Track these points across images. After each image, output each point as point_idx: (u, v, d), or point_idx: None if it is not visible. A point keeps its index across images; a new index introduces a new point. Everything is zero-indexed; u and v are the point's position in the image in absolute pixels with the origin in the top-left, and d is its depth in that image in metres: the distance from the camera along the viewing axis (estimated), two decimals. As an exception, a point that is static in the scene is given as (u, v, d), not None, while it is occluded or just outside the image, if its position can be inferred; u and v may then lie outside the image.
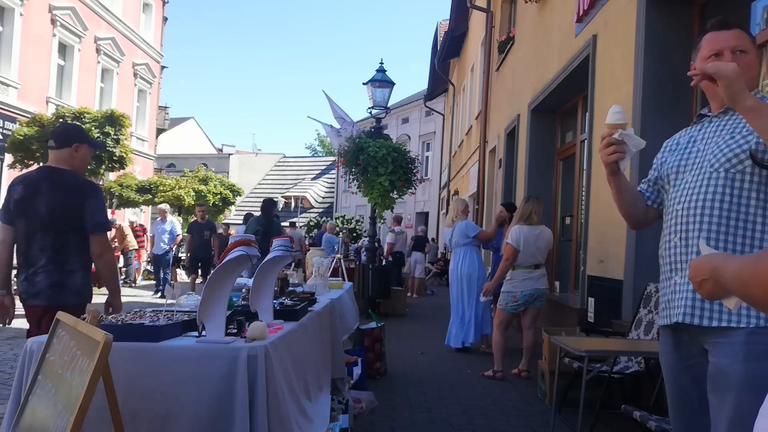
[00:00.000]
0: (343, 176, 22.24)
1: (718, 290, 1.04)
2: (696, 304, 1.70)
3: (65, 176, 3.01)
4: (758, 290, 0.83)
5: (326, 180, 36.53)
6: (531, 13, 8.60)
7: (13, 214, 2.97)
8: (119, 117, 13.21)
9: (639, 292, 4.15)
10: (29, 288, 2.94)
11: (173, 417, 1.94)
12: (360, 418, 3.90)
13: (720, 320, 1.66)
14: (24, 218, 2.94)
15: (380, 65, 10.22)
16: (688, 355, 1.79)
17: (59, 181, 2.97)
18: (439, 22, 20.36)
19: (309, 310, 3.05)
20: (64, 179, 2.99)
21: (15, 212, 2.95)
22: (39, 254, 2.93)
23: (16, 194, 2.96)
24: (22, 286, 2.98)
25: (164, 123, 26.51)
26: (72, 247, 2.97)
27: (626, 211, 2.01)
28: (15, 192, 2.97)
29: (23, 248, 2.96)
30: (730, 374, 1.59)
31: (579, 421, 3.26)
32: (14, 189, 2.99)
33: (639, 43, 4.65)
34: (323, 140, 47.50)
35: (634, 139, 1.86)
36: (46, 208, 2.91)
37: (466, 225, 6.70)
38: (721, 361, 1.64)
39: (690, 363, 1.79)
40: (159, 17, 23.02)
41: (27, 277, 2.94)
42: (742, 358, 1.59)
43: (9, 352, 5.57)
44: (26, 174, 3.12)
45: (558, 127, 8.28)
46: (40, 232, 2.93)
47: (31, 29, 15.46)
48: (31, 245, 2.94)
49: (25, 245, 2.95)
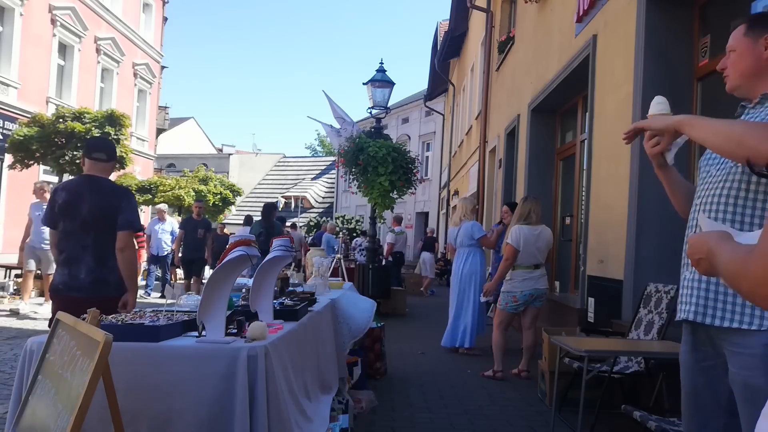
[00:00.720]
0: (343, 176, 22.25)
1: (713, 271, 1.03)
2: (707, 303, 1.68)
3: (104, 183, 3.44)
4: (746, 285, 0.83)
5: (326, 180, 36.53)
6: (531, 13, 8.60)
7: (56, 217, 3.32)
8: (119, 117, 13.19)
9: (639, 292, 4.15)
10: (70, 281, 3.24)
11: (174, 417, 1.94)
12: (360, 418, 3.90)
13: (732, 320, 1.62)
14: (67, 220, 3.29)
15: (380, 65, 10.22)
16: (704, 357, 1.77)
17: (100, 187, 3.37)
18: (439, 22, 20.36)
19: (309, 310, 3.05)
20: (103, 185, 3.41)
21: (59, 215, 3.31)
22: (81, 252, 3.25)
23: (60, 199, 3.32)
24: (61, 279, 3.26)
25: (164, 123, 26.51)
26: (110, 245, 3.30)
27: (680, 206, 1.94)
28: (59, 197, 3.33)
29: (64, 245, 3.29)
30: (757, 389, 1.55)
31: (579, 421, 3.26)
32: (58, 195, 3.35)
33: (639, 43, 4.64)
34: (323, 140, 47.51)
35: None
36: (89, 210, 3.27)
37: (473, 226, 6.60)
38: (742, 373, 1.60)
39: (705, 365, 1.77)
40: (159, 17, 23.01)
41: (69, 272, 3.25)
42: (763, 372, 1.54)
43: (9, 352, 5.57)
44: (67, 182, 3.54)
45: (558, 127, 8.28)
46: (81, 232, 3.26)
47: (31, 29, 15.46)
48: (72, 243, 3.27)
49: (66, 243, 3.28)
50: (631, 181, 4.65)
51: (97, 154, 3.43)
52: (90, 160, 3.42)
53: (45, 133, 12.30)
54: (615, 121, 5.17)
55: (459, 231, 6.64)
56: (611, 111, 5.29)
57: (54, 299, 3.31)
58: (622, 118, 4.94)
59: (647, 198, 4.48)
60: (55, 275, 3.34)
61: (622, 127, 4.90)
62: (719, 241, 1.01)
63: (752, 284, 0.81)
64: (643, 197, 4.50)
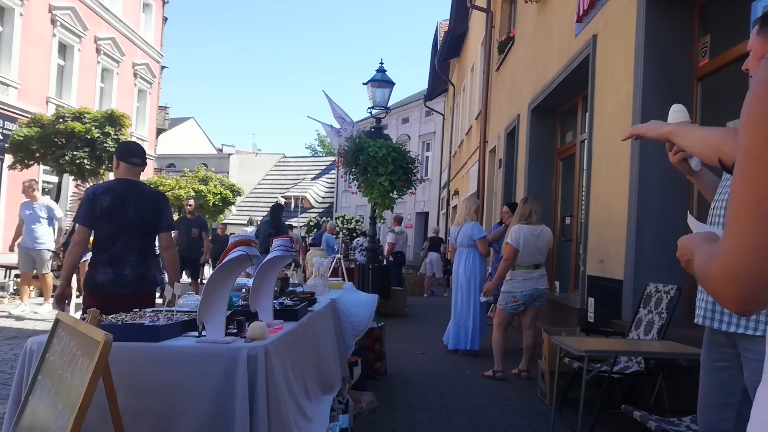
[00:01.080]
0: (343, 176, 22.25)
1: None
2: (714, 307, 1.71)
3: (144, 187, 3.66)
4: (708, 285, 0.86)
5: (326, 180, 36.52)
6: (531, 13, 8.60)
7: (97, 220, 3.44)
8: (119, 117, 13.19)
9: (639, 292, 4.15)
10: (115, 279, 3.41)
11: (174, 416, 1.94)
12: (360, 418, 3.90)
13: (738, 326, 1.66)
14: (113, 223, 3.44)
15: (380, 65, 10.22)
16: (719, 357, 1.81)
17: (141, 192, 3.58)
18: (439, 22, 20.36)
19: (309, 310, 3.05)
20: (144, 190, 3.63)
21: (100, 218, 3.43)
22: (126, 252, 3.45)
23: (104, 203, 3.44)
24: (106, 277, 3.41)
25: (164, 123, 26.50)
26: (150, 246, 3.60)
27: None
28: (102, 201, 3.44)
29: (107, 247, 3.45)
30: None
31: (579, 421, 3.26)
32: (100, 198, 3.45)
33: (639, 43, 4.65)
34: (323, 140, 47.49)
35: None
36: (135, 214, 3.48)
37: (473, 227, 6.56)
38: (752, 377, 1.64)
39: (719, 365, 1.81)
40: (159, 17, 23.01)
41: (114, 271, 3.42)
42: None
43: (9, 352, 5.57)
44: (106, 186, 3.59)
45: (558, 127, 8.28)
46: (128, 234, 3.47)
47: (31, 29, 15.46)
48: (119, 245, 3.45)
49: (111, 244, 3.44)
50: (631, 181, 4.65)
51: (133, 159, 3.60)
52: (126, 164, 3.57)
53: (45, 133, 12.30)
54: (615, 121, 5.17)
55: (460, 231, 6.63)
56: (611, 111, 5.29)
57: (95, 296, 3.36)
58: (622, 118, 4.94)
59: (647, 198, 4.49)
60: (97, 274, 3.42)
61: (622, 127, 4.91)
62: (701, 242, 1.03)
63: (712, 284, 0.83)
64: (643, 197, 4.50)
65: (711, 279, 0.84)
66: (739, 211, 0.80)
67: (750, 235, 0.78)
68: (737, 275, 0.79)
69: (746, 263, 0.78)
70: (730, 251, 0.80)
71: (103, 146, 12.63)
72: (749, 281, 0.78)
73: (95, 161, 12.74)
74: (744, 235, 0.78)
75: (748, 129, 0.80)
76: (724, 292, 0.81)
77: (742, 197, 0.79)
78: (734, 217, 0.80)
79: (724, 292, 0.81)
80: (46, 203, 8.04)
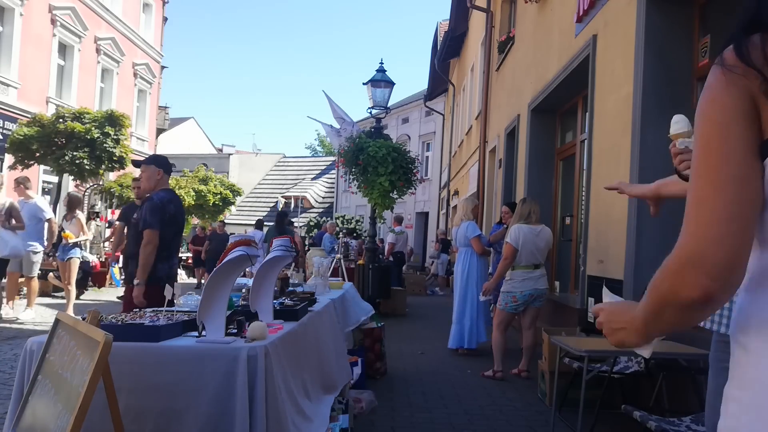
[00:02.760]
0: (343, 176, 22.25)
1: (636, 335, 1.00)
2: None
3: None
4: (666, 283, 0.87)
5: (326, 180, 36.50)
6: (531, 13, 8.60)
7: (164, 224, 3.99)
8: (119, 117, 13.20)
9: (639, 292, 4.15)
10: (171, 272, 4.13)
11: (175, 417, 1.94)
12: (360, 418, 3.90)
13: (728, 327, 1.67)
14: (174, 226, 4.11)
15: (380, 65, 10.22)
16: (724, 358, 1.81)
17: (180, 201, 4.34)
18: (439, 22, 20.35)
19: (309, 310, 3.05)
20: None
21: (167, 222, 4.01)
22: (177, 250, 4.29)
23: (172, 210, 4.05)
24: (164, 272, 4.02)
25: (164, 123, 26.50)
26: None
27: None
28: (169, 209, 4.03)
29: (169, 245, 4.09)
30: None
31: (579, 421, 3.26)
32: (168, 206, 4.02)
33: (639, 43, 4.64)
34: (323, 140, 47.48)
35: None
36: (183, 220, 4.29)
37: (467, 226, 6.63)
38: None
39: (725, 365, 1.80)
40: (159, 17, 23.02)
41: (170, 265, 4.12)
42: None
43: (9, 352, 5.57)
44: (170, 194, 4.18)
45: (558, 127, 8.28)
46: (178, 236, 4.21)
47: (31, 29, 15.46)
48: (174, 245, 4.19)
49: (171, 244, 4.12)
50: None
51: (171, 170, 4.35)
52: (167, 174, 4.24)
53: (45, 133, 12.31)
54: (615, 121, 5.17)
55: (458, 231, 6.68)
56: (611, 111, 5.29)
57: (156, 288, 3.55)
58: (622, 118, 4.94)
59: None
60: (157, 270, 3.96)
61: (622, 126, 4.91)
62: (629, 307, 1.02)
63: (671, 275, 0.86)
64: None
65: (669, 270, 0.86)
66: (698, 199, 0.85)
67: (707, 222, 0.83)
68: (697, 261, 0.82)
69: (704, 249, 0.82)
70: (690, 240, 0.84)
71: (103, 146, 12.64)
72: (708, 267, 0.81)
73: (95, 161, 12.75)
74: (703, 222, 0.83)
75: (701, 123, 0.88)
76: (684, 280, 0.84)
77: (701, 186, 0.85)
78: (694, 204, 0.85)
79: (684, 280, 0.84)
80: (35, 202, 7.61)
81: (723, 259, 0.81)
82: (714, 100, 0.86)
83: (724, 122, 0.84)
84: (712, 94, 0.87)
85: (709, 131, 0.86)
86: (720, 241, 0.81)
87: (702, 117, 0.88)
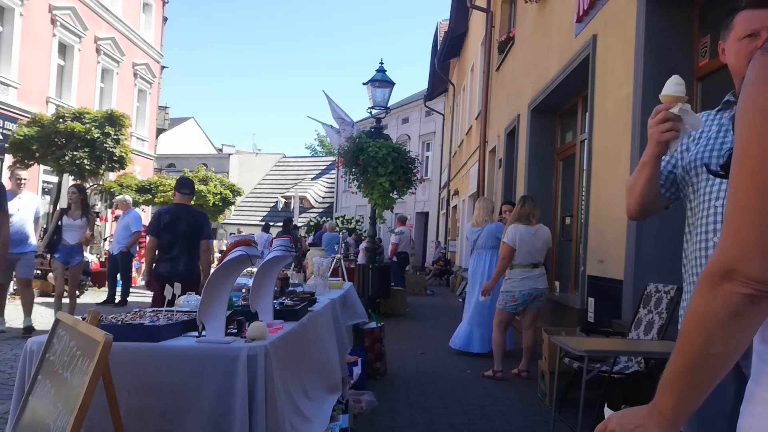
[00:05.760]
0: (343, 176, 22.22)
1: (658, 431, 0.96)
2: None
3: (191, 209, 5.25)
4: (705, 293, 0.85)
5: (326, 180, 36.51)
6: (531, 13, 8.60)
7: (160, 231, 4.99)
8: (119, 117, 13.18)
9: (639, 292, 4.15)
10: (172, 271, 4.83)
11: (175, 417, 1.94)
12: (360, 418, 3.90)
13: None
14: (171, 233, 4.98)
15: (380, 65, 10.21)
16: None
17: (189, 212, 5.15)
18: (439, 22, 20.35)
19: (309, 310, 3.05)
20: (191, 211, 5.21)
21: (163, 230, 4.98)
22: (180, 253, 4.98)
23: (166, 219, 4.99)
24: (166, 270, 4.88)
25: (164, 123, 26.49)
26: (194, 249, 5.09)
27: (647, 200, 1.75)
28: (164, 219, 5.00)
29: (169, 248, 4.99)
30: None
31: (579, 421, 3.26)
32: (162, 216, 5.03)
33: (639, 43, 4.65)
34: (323, 140, 47.47)
35: (692, 117, 1.57)
36: (186, 228, 5.02)
37: (497, 227, 6.35)
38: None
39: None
40: (159, 17, 23.00)
41: (171, 265, 4.92)
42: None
43: (9, 352, 5.57)
44: (168, 208, 5.24)
45: (558, 127, 8.28)
46: (181, 241, 4.99)
47: (31, 29, 15.45)
48: (175, 248, 4.98)
49: (171, 247, 4.99)
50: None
51: (183, 189, 5.20)
52: (179, 193, 5.18)
53: (45, 133, 12.29)
54: (615, 121, 5.17)
55: (482, 233, 6.43)
56: (611, 111, 5.29)
57: (156, 283, 4.93)
58: (622, 118, 4.94)
59: (647, 198, 4.47)
60: (159, 267, 4.96)
61: (622, 126, 4.91)
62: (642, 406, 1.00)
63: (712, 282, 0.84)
64: (643, 197, 4.49)
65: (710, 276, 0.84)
66: (738, 206, 0.82)
67: (748, 229, 0.80)
68: (736, 269, 0.80)
69: (745, 257, 0.80)
70: (730, 246, 0.82)
71: (103, 146, 12.63)
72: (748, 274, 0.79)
73: (95, 161, 12.74)
74: (743, 229, 0.81)
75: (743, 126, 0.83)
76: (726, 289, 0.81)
77: (741, 193, 0.81)
78: (734, 211, 0.82)
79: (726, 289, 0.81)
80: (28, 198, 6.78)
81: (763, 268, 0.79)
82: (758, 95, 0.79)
83: None
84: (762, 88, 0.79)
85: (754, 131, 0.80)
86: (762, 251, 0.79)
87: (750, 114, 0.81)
